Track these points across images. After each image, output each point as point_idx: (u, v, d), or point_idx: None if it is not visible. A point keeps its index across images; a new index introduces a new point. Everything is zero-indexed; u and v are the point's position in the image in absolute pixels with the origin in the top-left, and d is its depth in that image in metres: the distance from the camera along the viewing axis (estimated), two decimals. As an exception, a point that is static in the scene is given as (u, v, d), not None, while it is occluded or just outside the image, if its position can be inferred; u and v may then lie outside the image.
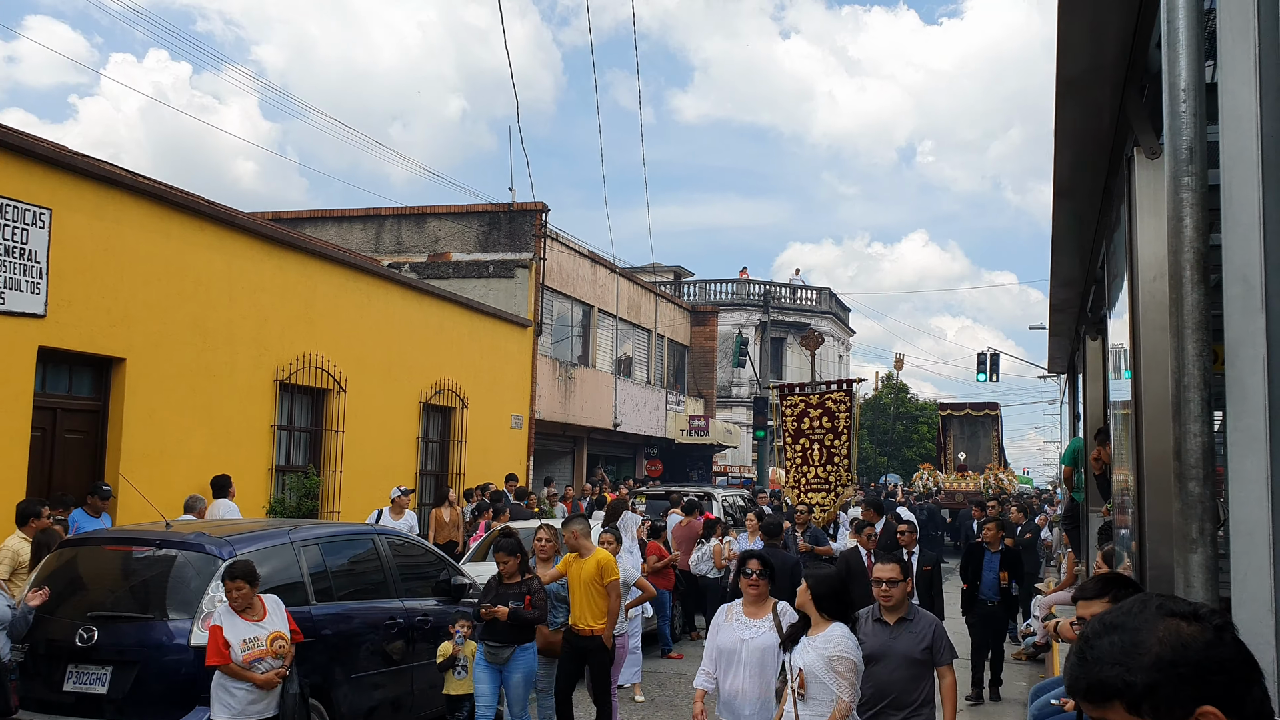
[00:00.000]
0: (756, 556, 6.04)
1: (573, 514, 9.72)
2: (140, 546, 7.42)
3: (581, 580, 8.08)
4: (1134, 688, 1.51)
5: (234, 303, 13.00)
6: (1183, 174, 2.40)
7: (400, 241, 23.61)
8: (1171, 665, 1.51)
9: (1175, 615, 1.57)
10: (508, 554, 7.78)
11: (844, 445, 12.67)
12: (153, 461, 11.58)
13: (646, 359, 31.01)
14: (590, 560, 8.10)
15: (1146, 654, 1.52)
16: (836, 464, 12.66)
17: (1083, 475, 10.79)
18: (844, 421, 12.79)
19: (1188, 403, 2.36)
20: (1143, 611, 1.59)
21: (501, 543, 7.95)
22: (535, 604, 7.65)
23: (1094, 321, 9.39)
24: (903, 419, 51.55)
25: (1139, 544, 4.90)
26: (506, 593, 7.64)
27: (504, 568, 7.78)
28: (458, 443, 18.59)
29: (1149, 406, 4.56)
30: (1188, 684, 1.50)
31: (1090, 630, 1.63)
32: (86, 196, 10.82)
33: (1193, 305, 2.37)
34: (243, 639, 6.28)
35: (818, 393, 13.05)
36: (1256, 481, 2.26)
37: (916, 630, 5.59)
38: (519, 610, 7.51)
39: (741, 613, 5.88)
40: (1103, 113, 5.26)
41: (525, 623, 7.60)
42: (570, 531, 8.27)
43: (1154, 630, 1.55)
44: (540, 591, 7.79)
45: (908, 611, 5.66)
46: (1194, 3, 2.44)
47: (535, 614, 7.65)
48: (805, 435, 12.97)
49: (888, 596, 5.60)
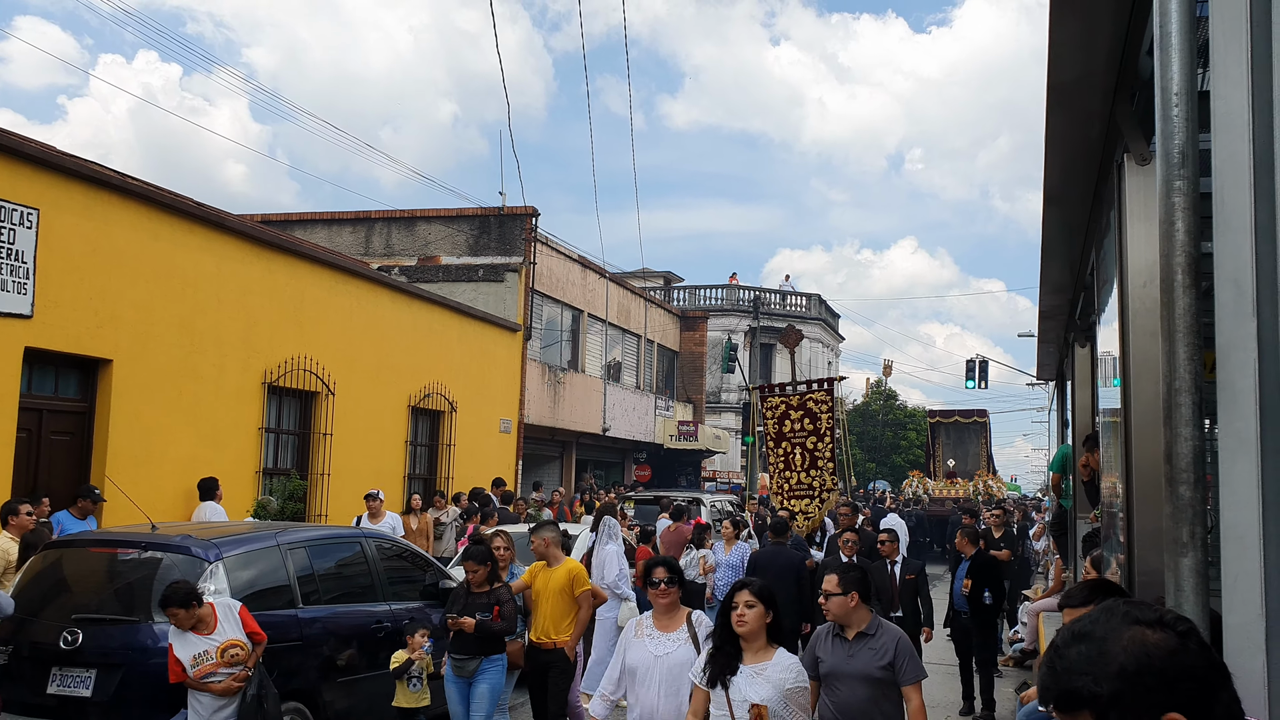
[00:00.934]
0: (663, 563, 5.60)
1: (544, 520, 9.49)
2: (126, 549, 7.39)
3: (550, 590, 7.65)
4: (1100, 698, 1.52)
5: (222, 305, 12.95)
6: (1174, 178, 2.40)
7: (390, 245, 23.57)
8: (1136, 674, 1.51)
9: (1140, 623, 1.57)
10: (477, 562, 7.45)
11: (827, 448, 12.10)
12: (139, 463, 11.52)
13: (636, 364, 31.01)
14: (561, 569, 7.72)
15: (1112, 663, 1.53)
16: (820, 468, 12.09)
17: (1071, 482, 10.82)
18: (826, 423, 12.19)
19: (1179, 406, 2.36)
20: (1109, 620, 1.60)
21: (470, 550, 7.66)
22: (505, 615, 7.32)
23: (1083, 328, 9.40)
24: (891, 425, 51.64)
25: (1128, 550, 4.90)
26: (475, 603, 7.32)
27: (473, 577, 7.44)
28: (446, 446, 18.55)
29: (1139, 412, 4.56)
30: (1153, 692, 1.50)
31: (1060, 639, 1.64)
32: (75, 197, 10.77)
33: (1184, 309, 2.37)
34: (192, 655, 6.29)
35: (798, 393, 12.42)
36: (1247, 485, 2.25)
37: (877, 646, 5.06)
38: (486, 622, 7.19)
39: (652, 626, 5.40)
40: (1093, 119, 5.26)
41: (493, 635, 7.27)
42: (541, 538, 7.84)
43: (1119, 639, 1.55)
44: (510, 602, 7.44)
45: (869, 625, 5.14)
46: (1187, 7, 2.44)
47: (504, 625, 7.30)
48: (787, 439, 12.38)
49: (825, 609, 5.15)
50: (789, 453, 12.24)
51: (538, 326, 23.56)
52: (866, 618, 5.15)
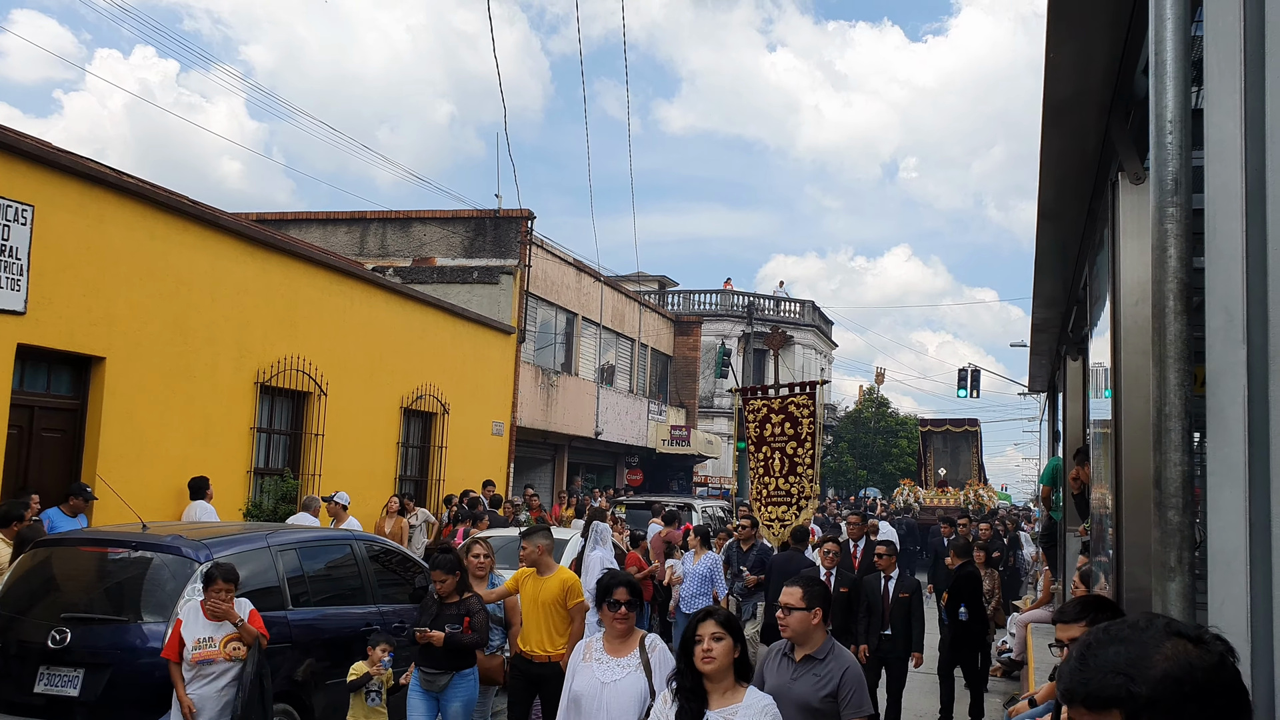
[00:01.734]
0: (624, 583, 5.11)
1: (536, 525, 8.76)
2: (116, 548, 7.37)
3: (540, 601, 7.17)
4: (1137, 699, 1.53)
5: (216, 304, 12.94)
6: (1167, 204, 2.42)
7: (385, 245, 23.56)
8: (1177, 683, 1.53)
9: (1181, 635, 1.59)
10: (445, 571, 7.05)
11: (807, 454, 11.62)
12: (130, 462, 11.50)
13: (629, 368, 31.01)
14: (553, 579, 7.21)
15: (1153, 668, 1.54)
16: (800, 474, 11.61)
17: (1061, 495, 10.86)
18: (807, 428, 11.70)
19: (1168, 431, 2.38)
20: (1149, 628, 1.62)
21: (438, 559, 7.24)
22: (475, 626, 6.97)
23: (1075, 342, 9.45)
24: (883, 433, 51.67)
25: (1116, 566, 4.92)
26: (444, 614, 6.95)
27: (441, 587, 7.04)
28: (438, 448, 18.54)
29: (1129, 429, 4.59)
30: (1191, 702, 1.52)
31: (1093, 639, 1.65)
32: (69, 194, 10.75)
33: (1175, 335, 2.39)
34: (197, 637, 6.32)
35: (780, 396, 12.01)
36: (1234, 511, 2.27)
37: (822, 672, 4.54)
38: (456, 635, 6.83)
39: (603, 650, 4.96)
40: (1088, 137, 5.30)
41: (464, 648, 6.93)
42: (534, 545, 7.35)
43: (1160, 647, 1.57)
44: (481, 613, 7.10)
45: (820, 648, 4.62)
46: (1182, 36, 2.46)
47: (475, 638, 6.96)
48: (767, 443, 11.94)
49: (782, 624, 4.63)
50: (768, 458, 11.85)
51: (532, 329, 23.56)
52: (820, 639, 4.67)
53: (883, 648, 9.23)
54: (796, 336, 46.46)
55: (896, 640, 9.20)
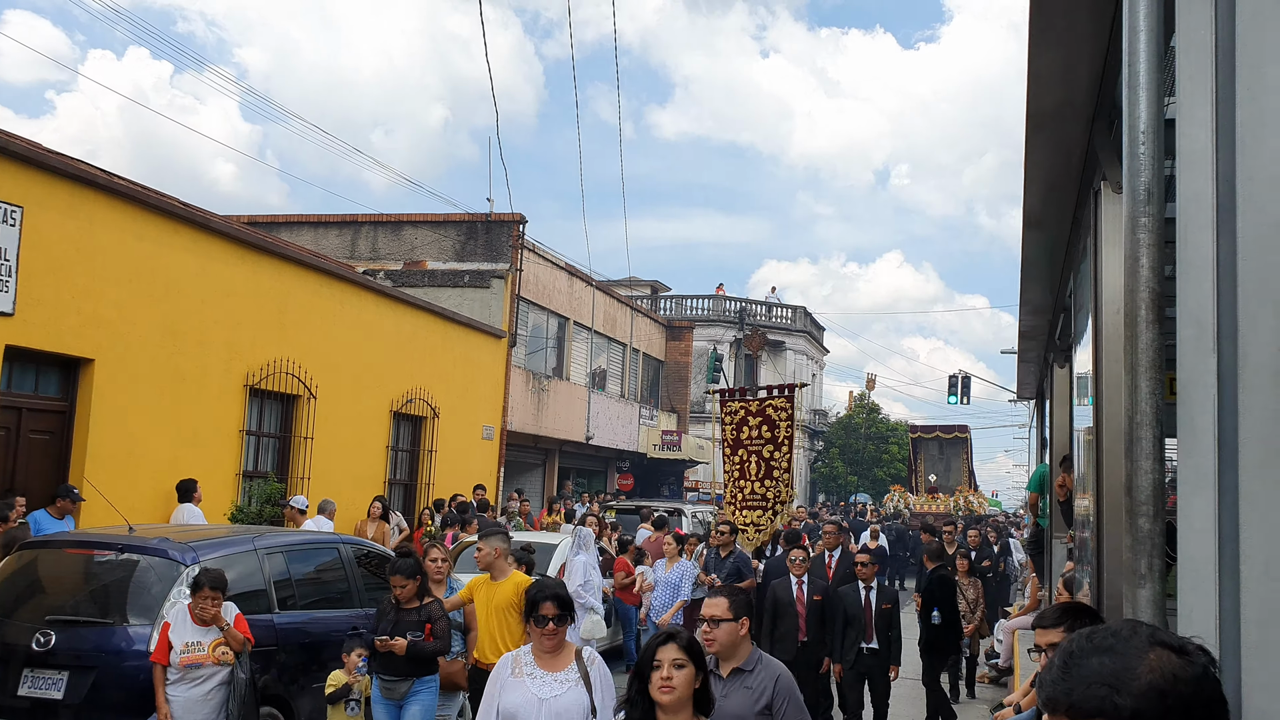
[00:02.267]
0: (550, 597, 4.68)
1: (491, 527, 8.45)
2: (102, 550, 7.36)
3: (495, 605, 6.96)
4: (1122, 711, 1.53)
5: (206, 306, 12.93)
6: (1140, 214, 2.44)
7: (376, 248, 23.55)
8: (1161, 695, 1.53)
9: (1165, 645, 1.58)
10: (405, 576, 6.87)
11: (784, 458, 11.43)
12: (119, 464, 11.48)
13: (621, 373, 31.03)
14: (507, 583, 7.02)
15: (1137, 680, 1.54)
16: (776, 478, 11.40)
17: (1048, 501, 10.89)
18: (784, 431, 11.47)
19: (1140, 440, 2.40)
20: (1132, 637, 1.61)
21: (398, 564, 7.05)
22: (437, 633, 6.78)
23: (1062, 349, 9.49)
24: (874, 439, 51.76)
25: (1097, 572, 4.95)
26: (405, 620, 6.76)
27: (401, 592, 6.84)
28: (428, 452, 18.53)
29: (1109, 437, 4.62)
30: (1174, 714, 1.52)
31: (1075, 648, 1.64)
32: (59, 195, 10.74)
33: (1147, 344, 2.41)
34: (185, 641, 6.32)
35: (758, 399, 11.74)
36: (1204, 518, 2.29)
37: (754, 684, 4.26)
38: (419, 642, 6.67)
39: (534, 663, 4.62)
40: (1072, 146, 5.33)
41: (425, 655, 6.76)
42: (491, 548, 7.14)
43: (1143, 658, 1.56)
44: (443, 619, 6.91)
45: (748, 660, 4.33)
46: (1155, 48, 2.49)
47: (437, 645, 6.79)
48: (744, 446, 11.70)
49: (709, 639, 4.26)
50: (744, 461, 11.62)
51: (523, 333, 23.56)
52: (748, 650, 4.37)
53: (865, 662, 9.02)
54: (788, 342, 46.53)
55: (880, 655, 9.01)
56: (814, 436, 50.64)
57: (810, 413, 49.72)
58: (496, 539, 7.23)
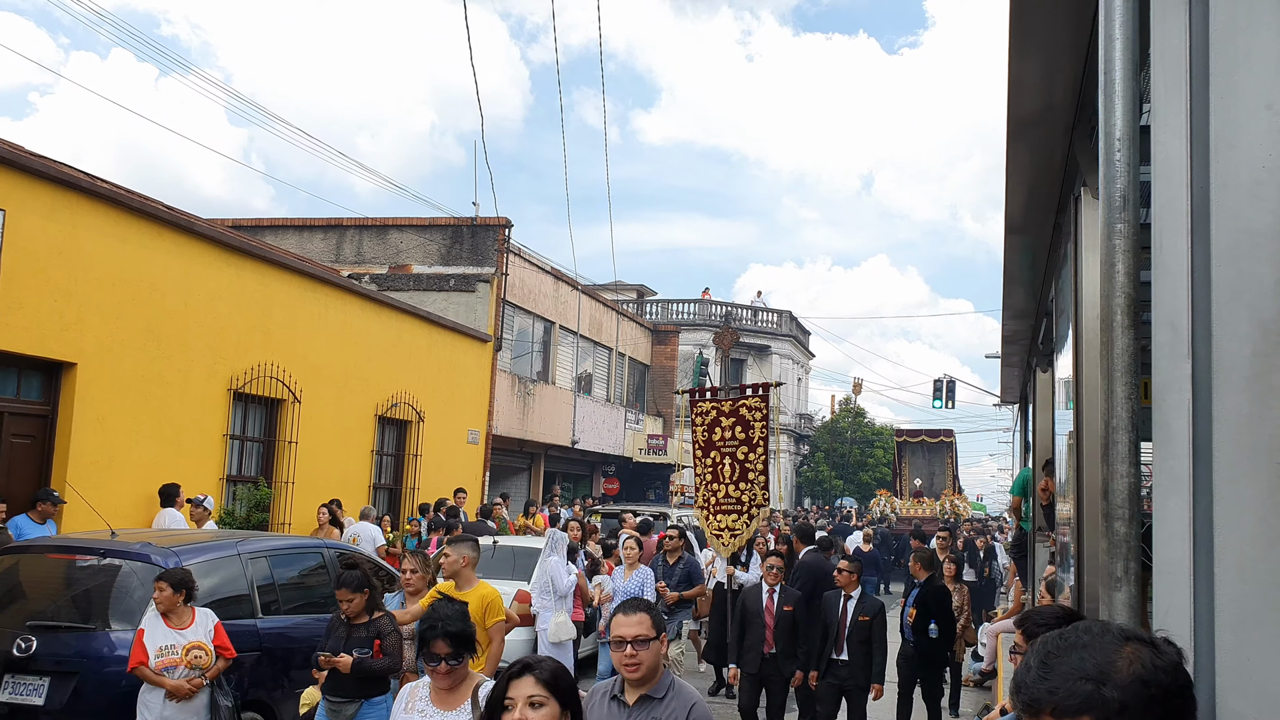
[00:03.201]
0: (443, 635, 4.20)
1: (461, 535, 8.05)
2: (84, 555, 7.33)
3: None
4: (1111, 703, 1.55)
5: (189, 310, 12.88)
6: (1115, 220, 2.46)
7: (361, 252, 23.51)
8: (1145, 685, 1.56)
9: (1137, 640, 1.63)
10: (352, 590, 6.41)
11: (759, 459, 10.99)
12: (101, 469, 11.42)
13: (606, 377, 31.02)
14: (471, 595, 6.63)
15: (1119, 672, 1.57)
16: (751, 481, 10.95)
17: (1031, 505, 10.94)
18: (759, 432, 11.01)
19: (1115, 444, 2.42)
20: (1104, 634, 1.64)
21: (344, 576, 6.53)
22: (387, 650, 6.33)
23: (1044, 354, 9.54)
24: (859, 443, 51.88)
25: (1078, 576, 4.98)
26: (353, 636, 6.35)
27: (348, 606, 6.43)
28: (413, 457, 18.49)
29: (1089, 441, 4.65)
30: (1157, 704, 1.56)
31: (1051, 648, 1.65)
32: (42, 198, 10.69)
33: (1123, 349, 2.43)
34: (159, 645, 6.31)
35: (730, 398, 11.30)
36: (1179, 522, 2.32)
37: (664, 715, 3.79)
38: (366, 659, 6.23)
39: (429, 700, 4.26)
40: (1053, 152, 5.37)
41: (373, 674, 6.31)
42: (458, 555, 6.81)
43: (1120, 652, 1.59)
44: (393, 634, 6.45)
45: (658, 686, 3.84)
46: (1131, 56, 2.52)
47: (386, 662, 6.32)
48: (716, 448, 11.23)
49: (633, 664, 3.77)
50: (718, 463, 11.12)
51: (508, 337, 23.55)
52: (659, 673, 3.90)
53: (839, 674, 8.58)
54: (774, 347, 46.61)
55: (855, 668, 8.53)
56: (800, 440, 50.73)
57: (796, 417, 49.81)
58: (465, 546, 6.92)
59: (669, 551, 11.79)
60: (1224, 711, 2.23)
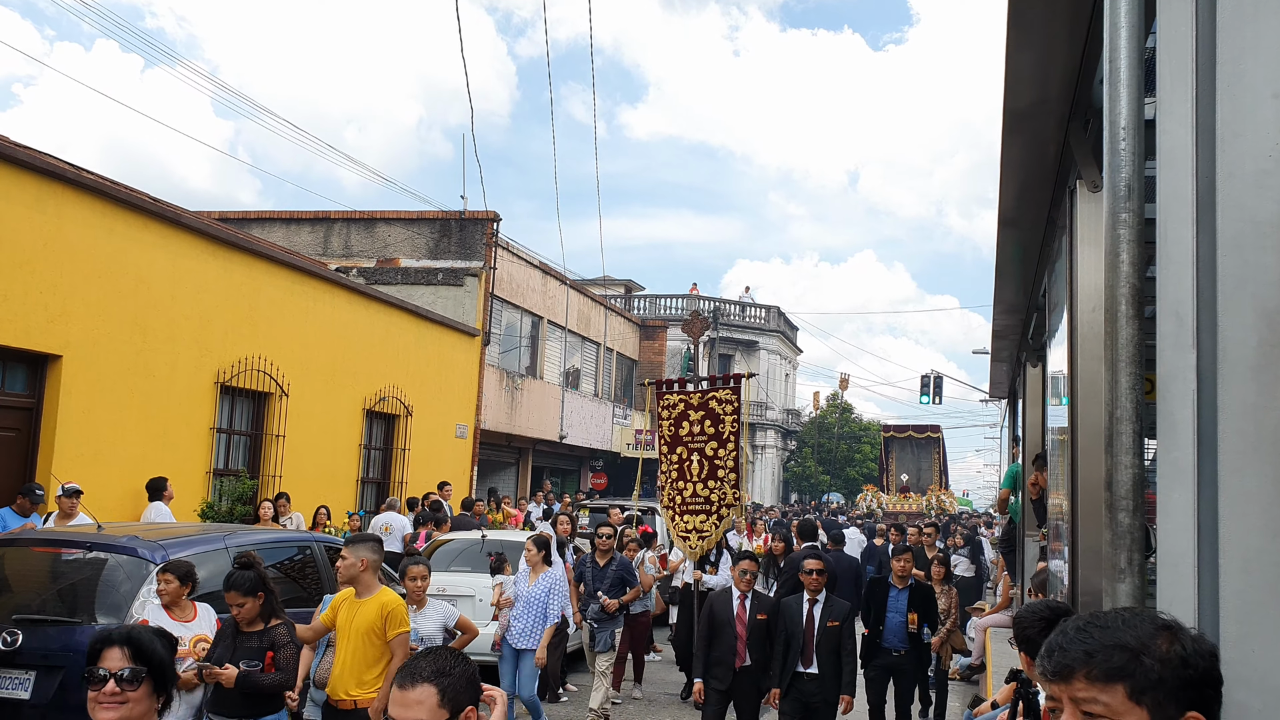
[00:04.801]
0: (119, 642, 2.96)
1: (361, 535, 6.85)
2: (70, 548, 7.26)
3: (354, 629, 5.82)
4: (1150, 673, 1.56)
5: (176, 302, 12.80)
6: (1120, 210, 2.45)
7: (349, 246, 23.42)
8: (1183, 664, 1.58)
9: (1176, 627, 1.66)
10: (242, 593, 5.64)
11: (729, 456, 10.29)
12: (87, 462, 11.34)
13: (595, 372, 30.99)
14: (371, 603, 5.85)
15: (1158, 650, 1.59)
16: (720, 479, 10.28)
17: (1020, 499, 10.96)
18: (730, 426, 10.32)
19: (1119, 435, 2.41)
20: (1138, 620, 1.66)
21: (234, 577, 5.72)
22: (280, 663, 5.58)
23: (1035, 348, 9.56)
24: (846, 439, 51.98)
25: (1072, 570, 4.98)
26: (242, 646, 5.60)
27: (239, 611, 5.65)
28: (401, 451, 18.44)
29: (1084, 435, 4.65)
30: (1190, 687, 1.57)
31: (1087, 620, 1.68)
32: (27, 189, 10.60)
33: (1127, 339, 2.42)
34: None
35: (699, 391, 10.53)
36: (1183, 513, 2.30)
37: None
38: (254, 673, 5.48)
39: None
40: (1048, 146, 5.36)
41: (262, 689, 5.54)
42: (357, 558, 5.90)
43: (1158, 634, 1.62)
44: (289, 646, 5.69)
45: None
46: (1136, 44, 2.50)
47: (279, 678, 5.56)
48: (683, 443, 10.50)
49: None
50: (684, 460, 10.44)
51: (496, 332, 23.50)
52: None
53: (805, 689, 7.57)
54: (762, 342, 46.64)
55: (825, 680, 7.55)
56: (787, 436, 50.79)
57: (783, 412, 49.87)
58: (365, 548, 5.99)
59: (600, 552, 10.68)
60: (1228, 703, 2.21)
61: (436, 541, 12.49)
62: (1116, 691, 1.58)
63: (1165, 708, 1.57)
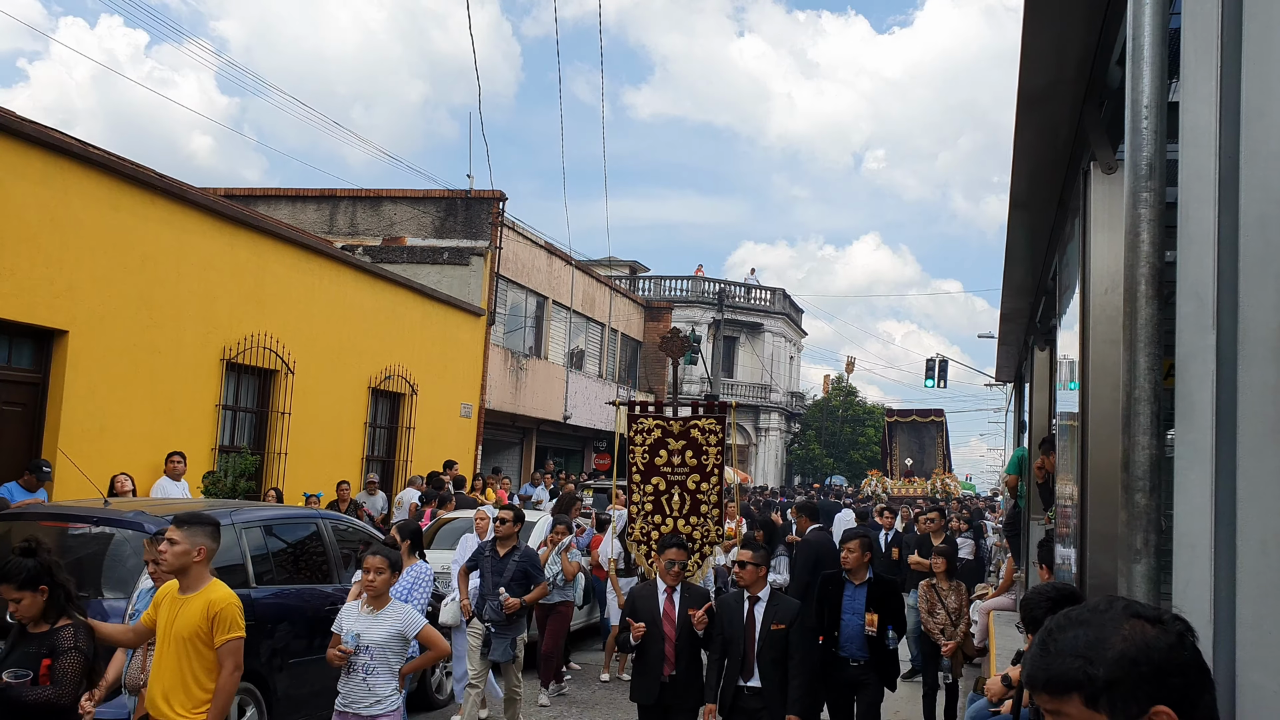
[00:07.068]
0: None
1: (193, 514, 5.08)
2: (77, 523, 7.28)
3: (174, 633, 4.70)
4: (1095, 681, 1.55)
5: (182, 279, 12.79)
6: (1141, 189, 2.43)
7: (355, 224, 23.38)
8: (1133, 663, 1.55)
9: (1140, 617, 1.62)
10: (17, 586, 4.60)
11: (713, 491, 9.38)
12: (93, 437, 11.36)
13: (599, 352, 30.98)
14: (196, 600, 4.71)
15: (1110, 650, 1.57)
16: (704, 515, 9.38)
17: (1026, 484, 10.95)
18: (714, 459, 9.43)
19: (1137, 415, 2.39)
20: (1108, 610, 1.64)
21: (9, 565, 4.67)
22: (58, 674, 4.52)
23: (1043, 332, 9.52)
24: (850, 422, 51.98)
25: (1080, 553, 4.97)
26: (16, 650, 4.64)
27: (17, 609, 4.63)
28: (406, 429, 18.46)
29: (1095, 418, 4.63)
30: (1147, 683, 1.54)
31: (1054, 624, 1.67)
32: (33, 164, 10.58)
33: (1146, 319, 2.40)
34: None
35: (679, 418, 9.65)
36: (1200, 494, 2.29)
37: None
38: (19, 686, 4.44)
39: None
40: (1061, 127, 5.32)
41: (26, 706, 4.44)
42: (191, 544, 4.74)
43: (1119, 629, 1.59)
44: (72, 652, 4.59)
45: None
46: (1160, 21, 2.47)
47: (50, 692, 4.47)
48: (661, 474, 9.56)
49: None
50: (662, 492, 9.53)
51: (501, 312, 23.48)
52: None
53: (748, 707, 6.29)
54: (767, 324, 46.58)
55: (772, 695, 6.25)
56: (791, 419, 50.80)
57: (788, 395, 49.86)
58: (200, 532, 4.81)
59: (500, 539, 8.72)
60: (1244, 685, 2.21)
61: (441, 520, 12.52)
62: (1073, 701, 1.58)
63: (1126, 707, 1.55)
